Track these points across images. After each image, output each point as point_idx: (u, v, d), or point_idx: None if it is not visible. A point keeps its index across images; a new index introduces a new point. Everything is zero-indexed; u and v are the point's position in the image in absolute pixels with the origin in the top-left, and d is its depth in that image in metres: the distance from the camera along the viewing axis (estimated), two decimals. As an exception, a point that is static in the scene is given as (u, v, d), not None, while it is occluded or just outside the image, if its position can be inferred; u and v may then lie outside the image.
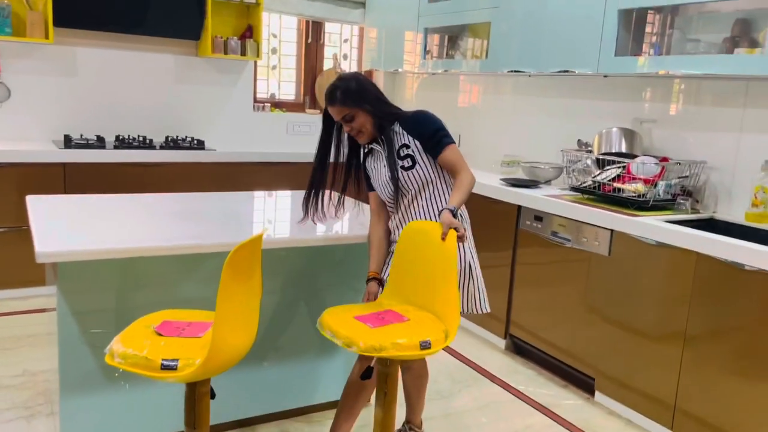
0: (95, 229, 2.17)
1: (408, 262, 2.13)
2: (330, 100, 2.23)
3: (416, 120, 2.26)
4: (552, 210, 3.17)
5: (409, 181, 2.24)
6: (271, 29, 5.05)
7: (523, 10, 3.67)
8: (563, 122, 3.87)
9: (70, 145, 3.89)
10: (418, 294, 2.09)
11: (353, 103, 2.21)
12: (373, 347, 1.79)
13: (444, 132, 2.23)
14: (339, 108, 2.22)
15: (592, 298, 3.00)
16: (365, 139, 2.28)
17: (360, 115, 2.23)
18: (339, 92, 2.20)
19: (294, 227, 2.47)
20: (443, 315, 1.97)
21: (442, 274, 1.99)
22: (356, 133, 2.26)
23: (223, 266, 1.60)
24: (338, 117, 2.24)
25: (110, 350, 1.65)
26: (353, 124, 2.24)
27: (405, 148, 2.25)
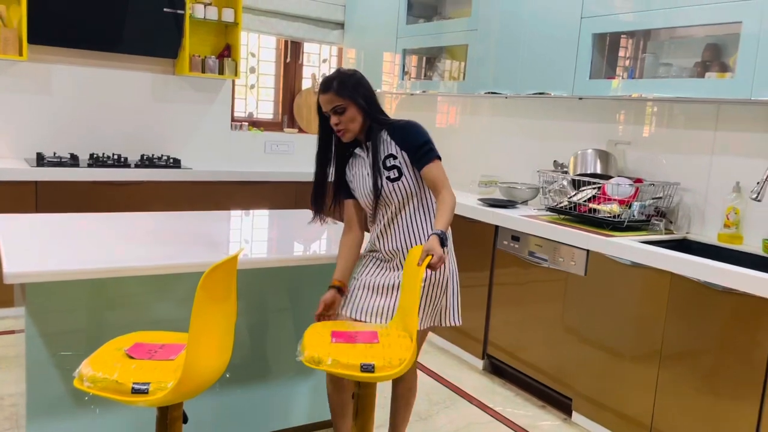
0: (66, 249, 2.12)
1: (406, 286, 2.13)
2: (325, 88, 2.18)
3: (406, 130, 2.22)
4: (529, 230, 3.19)
5: (393, 192, 2.21)
6: (250, 48, 5.05)
7: (499, 33, 3.72)
8: (539, 143, 3.91)
9: (42, 163, 3.83)
10: (404, 318, 2.08)
11: (347, 94, 2.16)
12: (312, 358, 1.82)
13: (432, 146, 2.20)
14: (332, 96, 2.16)
15: (569, 318, 3.01)
16: (350, 136, 2.22)
17: (351, 109, 2.18)
18: (336, 81, 2.17)
19: (271, 246, 2.44)
20: (412, 337, 1.96)
21: (409, 298, 1.99)
22: (343, 127, 2.19)
23: (197, 287, 1.57)
24: (329, 107, 2.17)
25: (79, 374, 1.61)
26: (342, 117, 2.17)
27: (392, 159, 2.21)
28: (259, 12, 4.88)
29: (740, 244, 2.86)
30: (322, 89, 2.19)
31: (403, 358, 1.83)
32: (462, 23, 4.03)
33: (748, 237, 2.87)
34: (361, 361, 1.79)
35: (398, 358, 1.83)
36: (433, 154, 2.18)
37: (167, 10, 4.22)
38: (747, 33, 2.53)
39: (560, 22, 3.32)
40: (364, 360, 1.79)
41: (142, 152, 4.52)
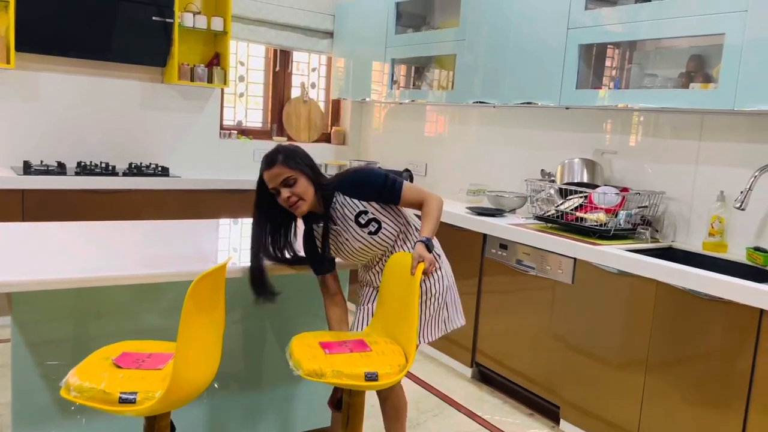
0: (52, 258, 2.11)
1: (388, 293, 2.14)
2: (269, 162, 2.09)
3: (358, 184, 2.18)
4: (517, 238, 3.21)
5: (382, 242, 2.22)
6: (239, 57, 5.06)
7: (487, 43, 3.75)
8: (527, 152, 3.94)
9: (29, 171, 3.80)
10: (391, 326, 2.09)
11: (296, 165, 2.10)
12: (314, 372, 1.81)
13: (390, 180, 2.18)
14: (280, 169, 2.08)
15: (556, 326, 3.03)
16: (305, 209, 2.13)
17: (302, 180, 2.10)
18: (281, 155, 2.11)
19: (259, 256, 2.44)
20: (405, 347, 1.97)
21: (406, 307, 2.00)
22: (296, 200, 2.10)
23: (185, 296, 1.57)
24: (277, 181, 2.09)
25: (66, 383, 1.60)
26: (295, 189, 2.09)
27: (363, 215, 2.18)
28: (249, 21, 4.89)
29: (725, 252, 2.90)
30: (265, 165, 2.11)
31: (402, 363, 1.88)
32: (450, 33, 4.06)
33: (732, 245, 2.90)
34: (365, 370, 1.80)
35: (398, 364, 1.87)
36: (398, 185, 2.18)
37: (156, 18, 4.22)
38: (730, 44, 2.57)
39: (547, 32, 3.36)
40: (366, 369, 1.81)
41: (130, 160, 4.51)
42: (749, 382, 2.29)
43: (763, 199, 2.79)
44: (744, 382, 2.30)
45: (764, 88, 2.47)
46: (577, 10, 3.19)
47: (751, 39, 2.50)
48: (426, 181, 4.75)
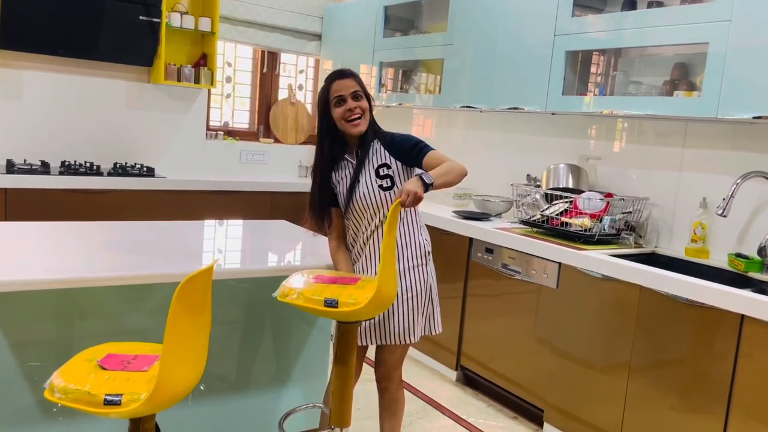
0: (37, 258, 2.09)
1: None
2: (345, 74, 2.21)
3: (394, 140, 2.24)
4: (502, 242, 3.23)
5: (385, 201, 2.22)
6: (226, 58, 5.04)
7: (474, 48, 3.78)
8: (513, 157, 3.97)
9: (12, 170, 3.76)
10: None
11: (363, 88, 2.23)
12: (284, 292, 1.96)
13: (424, 144, 2.22)
14: (353, 82, 2.20)
15: (541, 330, 3.05)
16: (363, 127, 2.21)
17: (364, 102, 2.22)
18: (351, 71, 2.24)
19: (246, 257, 2.44)
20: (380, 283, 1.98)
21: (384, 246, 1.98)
22: (358, 115, 2.19)
23: (171, 298, 1.56)
24: (349, 91, 2.19)
25: (50, 385, 1.58)
26: (360, 103, 2.20)
27: (385, 168, 2.22)
28: (236, 22, 4.88)
29: (707, 258, 2.94)
30: (341, 75, 2.22)
31: (369, 295, 1.88)
32: (438, 38, 4.08)
33: (714, 251, 2.95)
34: (327, 296, 1.88)
35: (364, 296, 1.87)
36: (428, 148, 2.19)
37: (143, 18, 4.19)
38: (713, 53, 2.61)
39: (534, 39, 3.39)
40: (329, 296, 1.88)
41: (115, 160, 4.47)
42: (730, 386, 2.32)
43: (744, 206, 2.84)
44: (725, 386, 2.34)
45: (747, 96, 2.51)
46: (564, 17, 3.23)
47: (734, 48, 2.55)
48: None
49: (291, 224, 3.25)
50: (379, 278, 1.88)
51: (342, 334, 2.06)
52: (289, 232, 3.00)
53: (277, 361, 2.62)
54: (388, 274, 1.92)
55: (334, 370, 2.07)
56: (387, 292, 1.93)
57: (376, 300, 1.89)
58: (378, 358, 2.37)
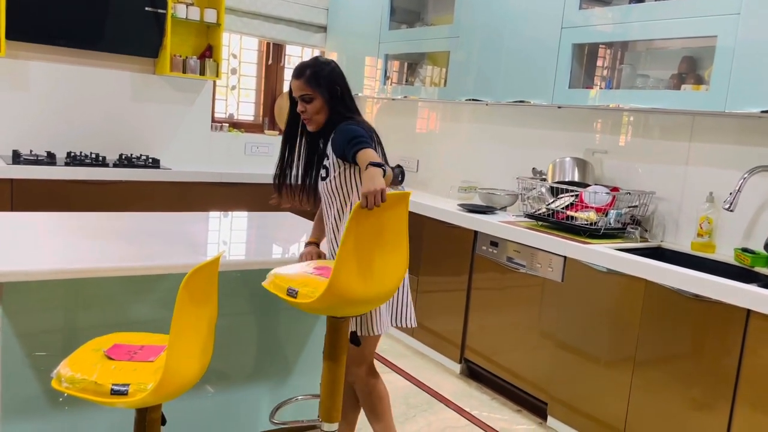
0: (43, 249, 2.10)
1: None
2: (297, 74, 2.25)
3: (337, 132, 2.20)
4: (507, 236, 3.23)
5: (321, 190, 2.31)
6: (231, 49, 5.03)
7: (481, 41, 3.76)
8: (519, 150, 3.96)
9: (18, 160, 3.77)
10: None
11: (316, 86, 2.23)
12: (266, 278, 2.00)
13: (358, 140, 2.11)
14: (301, 84, 2.23)
15: (545, 323, 3.05)
16: (314, 127, 2.28)
17: (317, 101, 2.24)
18: (309, 70, 2.24)
19: (251, 249, 2.44)
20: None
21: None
22: (308, 117, 2.26)
23: (177, 289, 1.57)
24: (297, 93, 2.25)
25: (57, 374, 1.59)
26: (308, 107, 2.24)
27: (326, 158, 2.29)
28: (242, 13, 4.86)
29: (713, 252, 2.93)
30: (294, 74, 2.26)
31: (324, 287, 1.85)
32: (444, 30, 4.07)
33: (720, 246, 2.94)
34: (290, 286, 1.90)
35: (323, 288, 1.84)
36: (360, 146, 2.09)
37: (149, 9, 4.19)
38: (722, 47, 2.60)
39: (541, 31, 3.38)
40: (291, 285, 1.90)
41: (120, 152, 4.48)
42: (735, 380, 2.32)
43: (751, 200, 2.83)
44: (730, 381, 2.34)
45: (755, 90, 2.49)
46: (572, 10, 3.21)
47: (743, 41, 2.53)
48: (417, 178, 4.76)
49: (296, 216, 3.25)
50: (331, 277, 1.83)
51: (330, 328, 2.05)
52: (295, 224, 3.00)
53: (279, 353, 2.63)
54: (342, 272, 1.83)
55: (324, 365, 2.06)
56: (339, 291, 1.84)
57: (326, 298, 1.83)
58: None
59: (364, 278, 1.87)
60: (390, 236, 1.93)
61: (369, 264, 1.88)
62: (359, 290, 1.87)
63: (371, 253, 1.88)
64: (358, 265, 1.85)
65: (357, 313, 2.00)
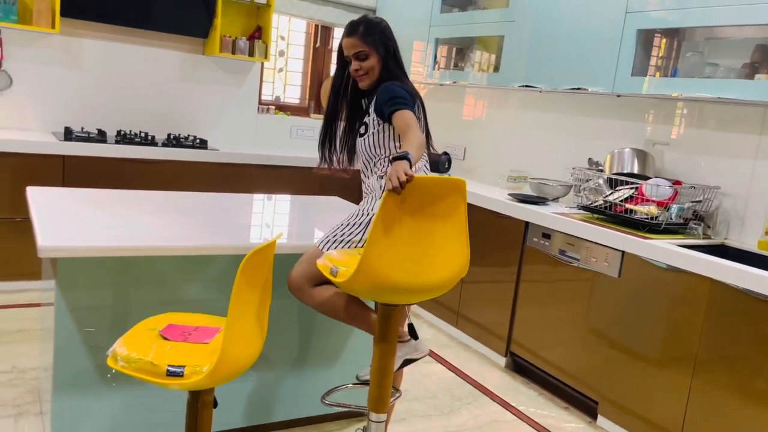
0: (99, 225, 2.09)
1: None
2: (350, 31, 2.21)
3: (380, 89, 2.18)
4: (561, 228, 3.12)
5: (359, 148, 2.27)
6: (280, 31, 5.00)
7: (537, 25, 3.64)
8: (571, 140, 3.83)
9: (70, 137, 3.81)
10: None
11: (371, 42, 2.20)
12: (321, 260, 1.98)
13: (398, 99, 2.09)
14: (355, 41, 2.19)
15: (598, 319, 2.95)
16: (368, 84, 2.24)
17: (372, 58, 2.21)
18: (362, 26, 2.20)
19: (302, 232, 2.40)
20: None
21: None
22: (362, 74, 2.21)
23: (227, 269, 1.53)
24: (351, 51, 2.20)
25: (113, 353, 1.57)
26: (363, 64, 2.20)
27: (367, 115, 2.26)
28: (291, -5, 4.81)
29: (781, 252, 2.78)
30: (347, 32, 2.22)
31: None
32: (498, 14, 3.95)
33: (789, 246, 2.78)
34: (335, 265, 1.89)
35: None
36: (397, 107, 2.07)
37: (200, -12, 4.17)
38: (804, 34, 2.44)
39: (603, 16, 3.24)
40: (335, 264, 1.90)
41: (168, 131, 4.50)
42: (806, 388, 2.20)
43: (826, 198, 2.66)
44: (800, 389, 2.21)
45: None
46: (638, -6, 3.07)
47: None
48: (464, 165, 4.66)
49: (343, 200, 3.20)
50: (361, 259, 1.78)
51: (381, 314, 1.99)
52: (342, 208, 2.95)
53: (327, 338, 2.59)
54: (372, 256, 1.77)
55: (374, 353, 2.01)
56: (371, 274, 1.78)
57: (358, 280, 1.79)
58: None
59: (404, 265, 1.81)
60: (442, 225, 1.86)
61: (410, 251, 1.81)
62: (396, 277, 1.81)
63: (413, 240, 1.81)
64: (393, 251, 1.79)
65: (406, 301, 1.94)
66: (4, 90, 3.95)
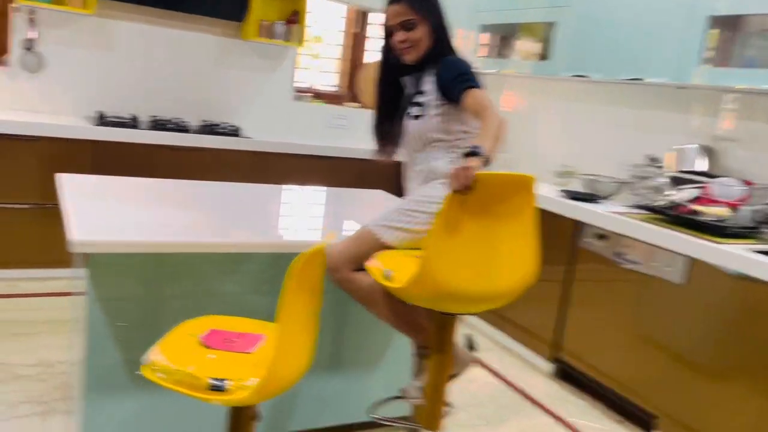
0: (132, 218, 1.95)
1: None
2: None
3: (443, 64, 1.95)
4: (619, 229, 2.91)
5: (413, 130, 2.02)
6: (316, 16, 4.82)
7: (593, 11, 3.41)
8: (626, 134, 3.60)
9: (103, 121, 3.69)
10: None
11: (419, 9, 1.96)
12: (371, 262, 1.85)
13: (466, 77, 1.88)
14: (402, 8, 1.96)
15: (657, 327, 2.74)
16: (414, 57, 1.99)
17: (421, 28, 1.97)
18: None
19: (348, 228, 2.24)
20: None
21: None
22: (408, 46, 1.97)
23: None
24: (397, 20, 1.97)
25: (150, 362, 1.43)
26: (410, 34, 1.96)
27: (420, 95, 2.00)
28: (330, -22, 4.63)
29: None
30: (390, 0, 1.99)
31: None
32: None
33: None
34: (387, 268, 1.75)
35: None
36: (468, 84, 1.87)
37: (237, -31, 4.01)
38: None
39: (668, 1, 3.00)
40: (385, 267, 1.76)
41: (202, 117, 4.36)
42: None
43: None
44: None
45: None
46: (710, -23, 2.83)
47: None
48: (508, 159, 4.45)
49: (388, 194, 3.04)
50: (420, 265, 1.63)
51: (436, 323, 1.82)
52: (388, 202, 2.78)
53: (371, 342, 2.43)
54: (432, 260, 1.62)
55: (431, 362, 1.84)
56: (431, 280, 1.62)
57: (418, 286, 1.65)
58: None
59: (468, 271, 1.64)
60: (508, 227, 1.68)
61: (475, 256, 1.64)
62: (460, 284, 1.64)
63: (477, 244, 1.63)
64: (456, 256, 1.62)
65: (469, 311, 1.77)
66: (37, 72, 3.84)
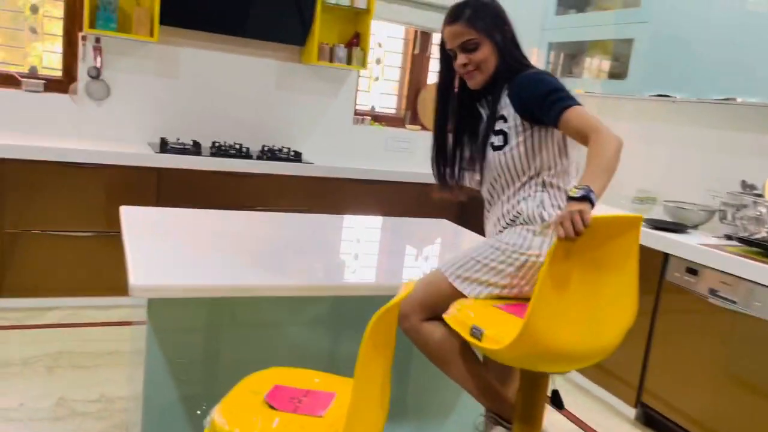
0: (194, 258, 1.85)
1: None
2: (453, 17, 1.75)
3: (521, 85, 1.70)
4: (712, 263, 2.65)
5: (494, 164, 1.76)
6: (376, 38, 4.73)
7: (678, 27, 3.17)
8: (715, 158, 3.33)
9: (166, 149, 3.67)
10: None
11: (483, 27, 1.72)
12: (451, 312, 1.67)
13: (562, 93, 1.64)
14: (463, 28, 1.72)
15: (755, 373, 2.46)
16: (480, 81, 1.77)
17: (485, 47, 1.73)
18: (469, 9, 1.74)
19: (414, 271, 2.08)
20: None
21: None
22: (472, 69, 1.75)
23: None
24: (456, 42, 1.74)
25: (212, 424, 1.30)
26: (473, 56, 1.73)
27: (502, 121, 1.74)
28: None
29: None
30: (449, 18, 1.77)
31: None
32: (627, 14, 3.50)
33: None
34: (474, 324, 1.55)
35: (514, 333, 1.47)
36: (563, 103, 1.61)
37: (299, -7, 3.96)
38: None
39: (763, 13, 2.75)
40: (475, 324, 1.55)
41: (263, 143, 4.31)
42: None
43: None
44: None
45: None
46: (815, -14, 2.57)
47: None
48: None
49: (453, 224, 2.87)
50: (525, 321, 1.41)
51: (525, 382, 1.63)
52: (459, 235, 2.61)
53: (440, 386, 2.26)
54: (539, 316, 1.41)
55: (515, 429, 1.65)
56: (535, 340, 1.42)
57: (519, 346, 1.43)
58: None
59: (573, 329, 1.45)
60: (612, 274, 1.49)
61: (580, 311, 1.45)
62: (566, 343, 1.44)
63: (583, 296, 1.44)
64: (561, 313, 1.43)
65: (560, 370, 1.58)
66: (103, 100, 3.87)
